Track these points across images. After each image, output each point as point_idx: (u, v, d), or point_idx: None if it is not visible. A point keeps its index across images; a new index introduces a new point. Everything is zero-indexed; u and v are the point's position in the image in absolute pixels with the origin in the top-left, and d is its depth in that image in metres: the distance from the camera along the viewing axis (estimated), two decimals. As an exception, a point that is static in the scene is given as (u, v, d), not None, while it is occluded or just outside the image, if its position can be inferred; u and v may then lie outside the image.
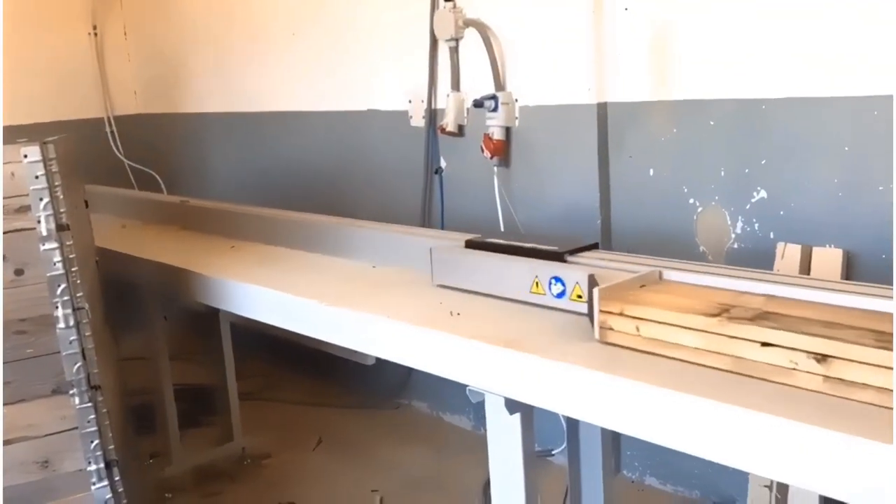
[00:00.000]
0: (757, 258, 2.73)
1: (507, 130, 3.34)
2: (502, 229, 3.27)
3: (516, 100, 3.30)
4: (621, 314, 1.71)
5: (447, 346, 1.87)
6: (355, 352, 2.25)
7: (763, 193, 2.75)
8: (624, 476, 3.36)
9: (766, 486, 2.66)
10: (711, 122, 2.84)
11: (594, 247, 2.19)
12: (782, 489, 2.62)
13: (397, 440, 3.87)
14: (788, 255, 2.68)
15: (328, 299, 2.23)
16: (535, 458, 1.90)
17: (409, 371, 3.98)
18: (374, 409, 4.18)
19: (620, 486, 3.26)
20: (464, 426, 3.93)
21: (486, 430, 1.88)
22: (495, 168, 3.35)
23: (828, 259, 2.60)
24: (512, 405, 1.76)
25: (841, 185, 2.57)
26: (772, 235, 2.75)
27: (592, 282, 1.78)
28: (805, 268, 2.64)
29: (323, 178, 4.31)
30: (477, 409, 1.87)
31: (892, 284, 1.72)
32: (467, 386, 1.84)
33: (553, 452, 3.22)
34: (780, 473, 1.39)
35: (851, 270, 2.57)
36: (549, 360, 1.64)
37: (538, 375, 1.67)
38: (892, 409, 1.34)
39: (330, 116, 4.23)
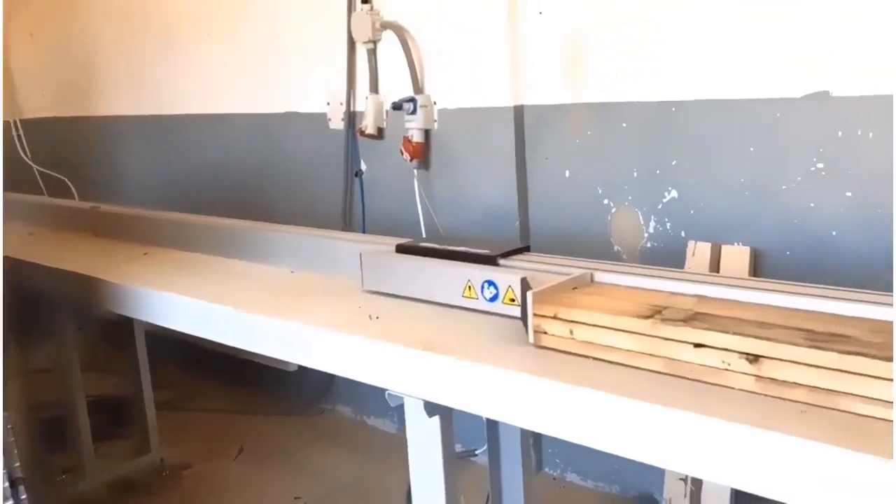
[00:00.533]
0: (669, 257, 2.80)
1: (427, 133, 3.34)
2: (423, 233, 3.28)
3: (435, 102, 3.31)
4: (555, 317, 1.70)
5: (366, 350, 1.86)
6: (276, 358, 2.22)
7: (674, 193, 2.83)
8: (546, 473, 3.40)
9: (681, 479, 2.74)
10: (624, 125, 2.91)
11: (525, 249, 2.19)
12: (696, 482, 2.69)
13: (321, 446, 3.83)
14: (699, 253, 2.76)
15: (244, 306, 2.19)
16: (456, 460, 1.90)
17: (332, 376, 3.93)
18: (296, 415, 4.13)
19: (542, 483, 3.30)
20: (388, 430, 3.92)
21: (407, 434, 1.88)
22: (415, 171, 3.36)
23: (736, 256, 2.69)
24: (431, 408, 1.76)
25: (747, 184, 2.66)
26: (683, 234, 2.83)
27: (526, 285, 1.77)
28: (715, 265, 2.72)
29: (241, 182, 4.23)
30: (400, 413, 1.86)
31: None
32: (387, 390, 1.84)
33: (476, 452, 3.24)
34: (717, 474, 1.40)
35: (758, 267, 2.67)
36: (467, 362, 1.65)
37: (457, 377, 1.67)
38: (817, 406, 1.39)
39: (247, 119, 4.16)
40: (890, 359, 1.39)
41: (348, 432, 3.97)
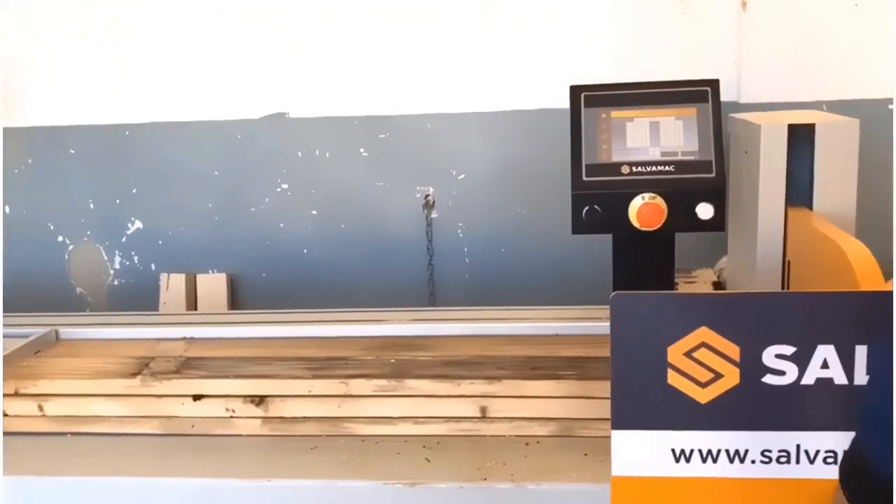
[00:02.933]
0: (141, 293, 2.59)
1: None
2: None
3: None
4: (17, 394, 1.43)
5: None
6: None
7: (139, 224, 2.61)
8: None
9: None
10: (72, 151, 2.59)
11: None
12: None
13: None
14: (173, 285, 2.60)
15: None
16: None
17: None
18: None
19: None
20: None
21: None
22: None
23: (213, 285, 2.59)
24: None
25: (216, 209, 2.57)
26: (153, 267, 2.63)
27: (-28, 358, 1.47)
28: (192, 296, 2.59)
29: None
30: None
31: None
32: None
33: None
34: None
35: (236, 293, 2.60)
36: None
37: None
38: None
39: None
40: (384, 376, 1.42)
41: None
